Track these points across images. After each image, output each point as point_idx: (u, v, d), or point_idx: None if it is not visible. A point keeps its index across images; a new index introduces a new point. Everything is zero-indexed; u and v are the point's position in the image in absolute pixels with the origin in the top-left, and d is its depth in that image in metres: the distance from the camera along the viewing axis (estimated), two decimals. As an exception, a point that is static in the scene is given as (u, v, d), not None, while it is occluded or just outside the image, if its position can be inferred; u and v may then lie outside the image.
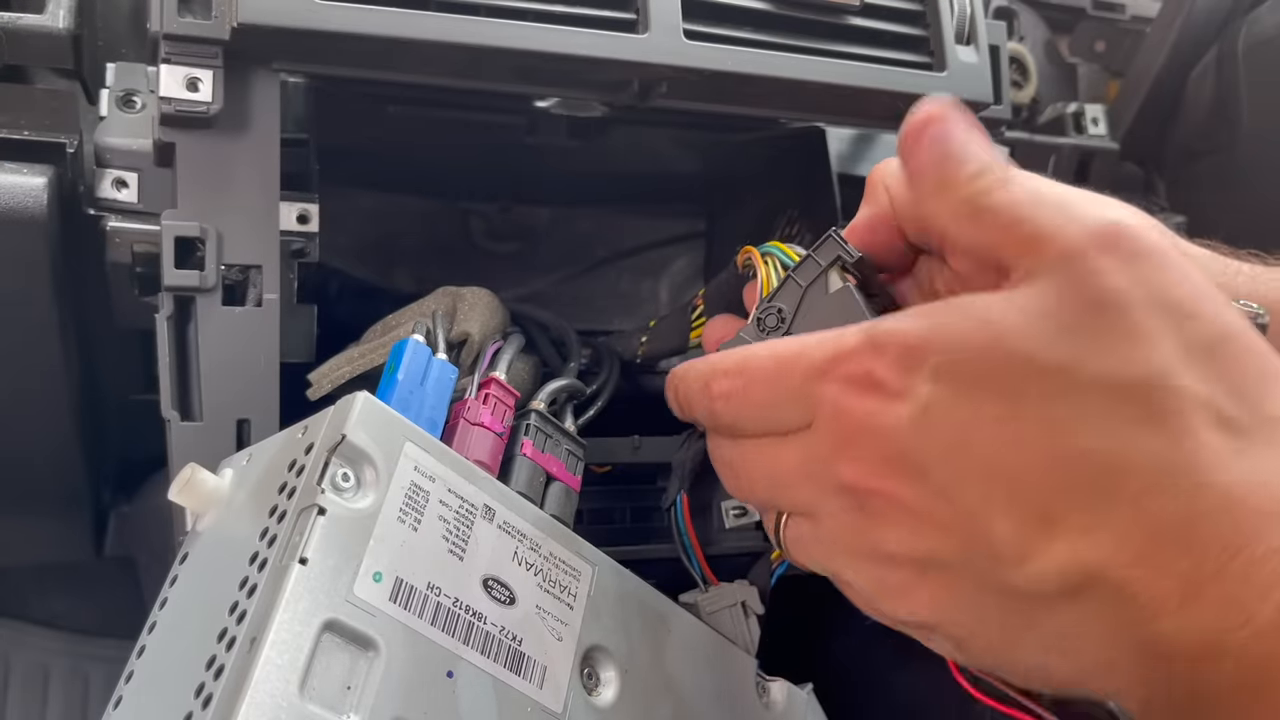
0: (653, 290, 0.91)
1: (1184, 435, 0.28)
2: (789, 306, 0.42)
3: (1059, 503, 0.29)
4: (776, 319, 0.42)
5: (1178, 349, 0.29)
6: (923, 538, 0.32)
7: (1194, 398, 0.28)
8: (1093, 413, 0.29)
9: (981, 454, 0.30)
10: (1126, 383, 0.29)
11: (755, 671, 0.52)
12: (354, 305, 0.76)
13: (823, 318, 0.41)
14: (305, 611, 0.34)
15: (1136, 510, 0.28)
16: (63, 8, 0.54)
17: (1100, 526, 0.28)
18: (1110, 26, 0.90)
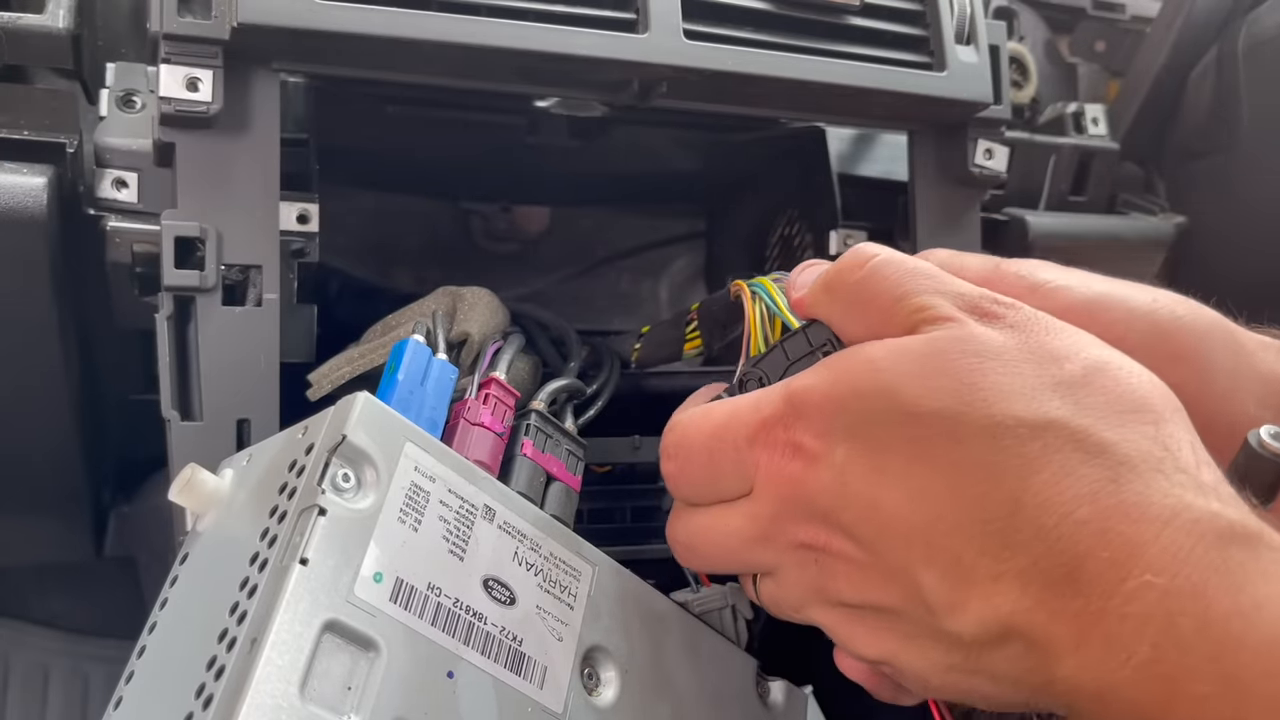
0: (653, 290, 0.91)
1: (1062, 474, 0.28)
2: (772, 375, 0.42)
3: (969, 552, 0.30)
4: (757, 384, 0.42)
5: (1048, 389, 0.30)
6: (867, 590, 0.34)
7: (1068, 434, 0.29)
8: (980, 457, 0.30)
9: (894, 510, 0.31)
10: (1006, 424, 0.30)
11: (755, 672, 0.52)
12: (354, 305, 0.76)
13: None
14: (306, 612, 0.34)
15: (1031, 555, 0.28)
16: (63, 8, 0.54)
17: (1005, 574, 0.29)
18: (1110, 26, 0.90)
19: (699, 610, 0.52)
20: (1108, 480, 0.28)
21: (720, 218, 0.89)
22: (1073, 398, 0.30)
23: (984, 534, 0.29)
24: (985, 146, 0.64)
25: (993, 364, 0.31)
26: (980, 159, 0.64)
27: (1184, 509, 0.27)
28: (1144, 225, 0.80)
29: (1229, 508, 0.27)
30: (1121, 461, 0.28)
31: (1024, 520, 0.29)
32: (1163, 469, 0.28)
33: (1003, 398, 0.30)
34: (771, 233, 0.80)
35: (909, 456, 0.31)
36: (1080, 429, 0.29)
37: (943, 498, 0.30)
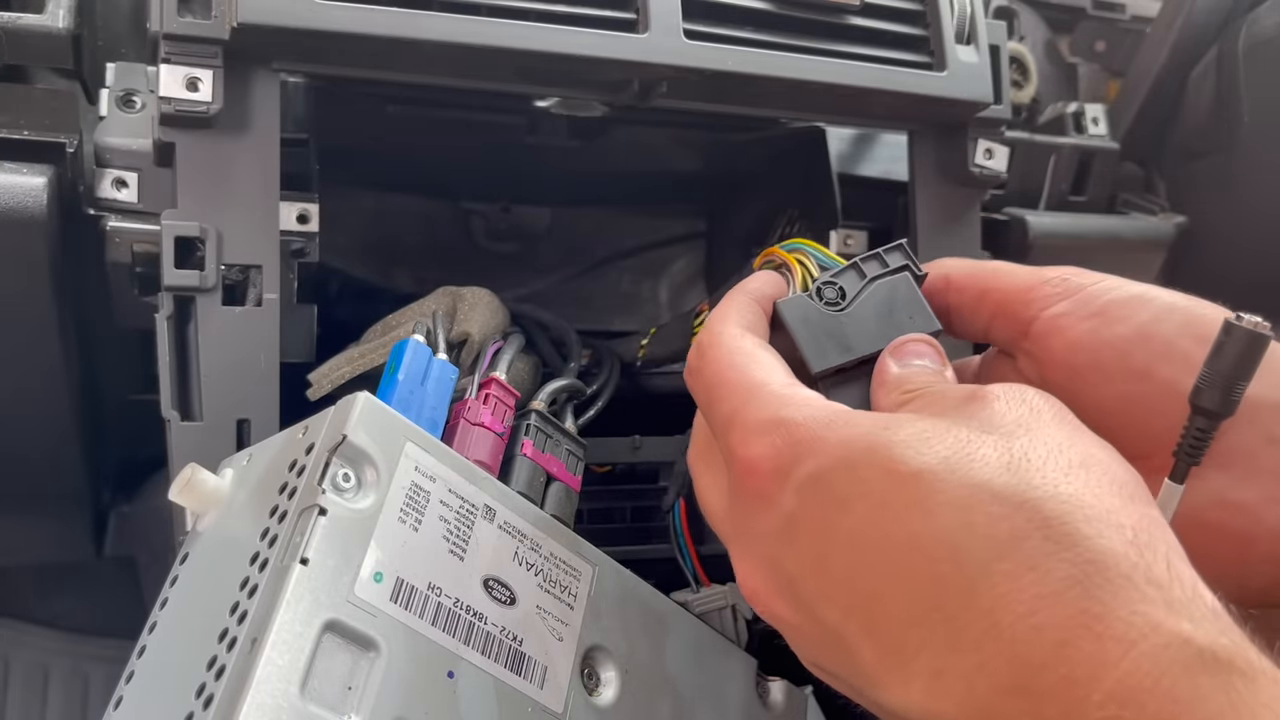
0: (653, 290, 0.91)
1: (1026, 565, 0.26)
2: (850, 289, 0.42)
3: (912, 639, 0.27)
4: (837, 293, 0.42)
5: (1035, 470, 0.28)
6: (807, 649, 0.32)
7: (1041, 519, 0.27)
8: (946, 534, 0.27)
9: (840, 573, 0.29)
10: (981, 498, 0.27)
11: (755, 672, 0.52)
12: (354, 305, 0.76)
13: (886, 305, 0.41)
14: (306, 612, 0.34)
15: (980, 655, 0.26)
16: (63, 8, 0.54)
17: (949, 671, 0.26)
18: (1110, 26, 0.90)
19: (699, 610, 0.52)
20: (1074, 581, 0.25)
21: (720, 218, 0.89)
22: (1054, 481, 0.27)
23: (931, 622, 0.27)
24: (985, 146, 0.64)
25: (988, 439, 0.29)
26: (980, 159, 0.64)
27: (1151, 630, 0.25)
28: (1144, 225, 0.80)
29: (1200, 628, 0.25)
30: (1092, 560, 0.26)
31: (977, 614, 0.26)
32: (1133, 578, 0.25)
33: (988, 468, 0.28)
34: (771, 233, 0.80)
35: (869, 518, 0.29)
36: (1056, 516, 0.26)
37: (896, 569, 0.28)
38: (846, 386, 0.41)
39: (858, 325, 0.41)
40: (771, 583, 0.32)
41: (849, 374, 0.41)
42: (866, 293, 0.42)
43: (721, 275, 0.89)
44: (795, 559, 0.31)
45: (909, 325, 0.41)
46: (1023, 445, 0.29)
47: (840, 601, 0.29)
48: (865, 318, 0.41)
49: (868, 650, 0.29)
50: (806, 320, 0.41)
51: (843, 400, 0.40)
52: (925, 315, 0.42)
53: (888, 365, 0.37)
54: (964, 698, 0.26)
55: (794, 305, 0.41)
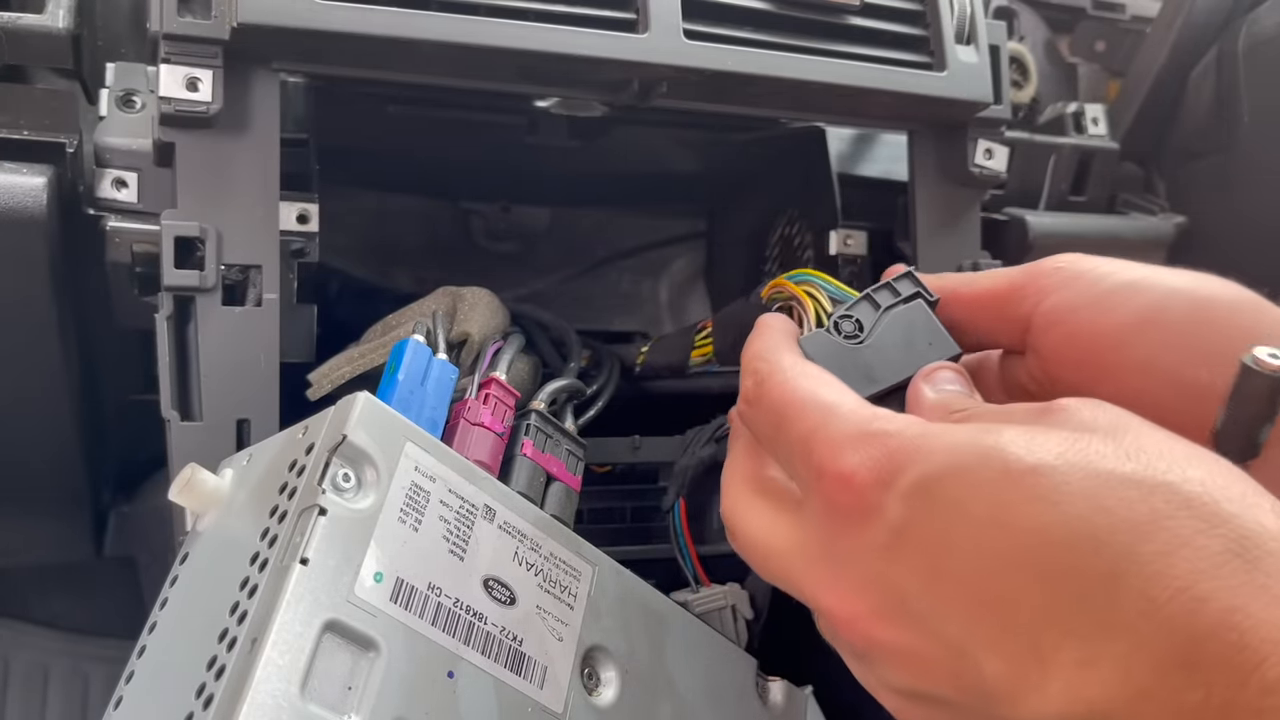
0: (653, 290, 0.91)
1: (1177, 543, 0.25)
2: (867, 320, 0.42)
3: (1051, 633, 0.26)
4: (855, 326, 0.42)
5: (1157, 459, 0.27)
6: (916, 677, 0.29)
7: (1182, 499, 0.25)
8: (1078, 522, 0.26)
9: (961, 579, 0.27)
10: (1111, 485, 0.26)
11: (755, 672, 0.52)
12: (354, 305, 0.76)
13: (904, 336, 0.41)
14: (306, 612, 0.34)
15: (1136, 636, 0.24)
16: (62, 8, 0.54)
17: (1099, 659, 0.25)
18: (1110, 26, 0.90)
19: (699, 610, 0.52)
20: (1232, 555, 0.24)
21: (720, 218, 0.89)
22: (1181, 466, 0.26)
23: (1072, 614, 0.25)
24: (985, 146, 0.64)
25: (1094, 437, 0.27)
26: (980, 159, 0.64)
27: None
28: (1144, 225, 0.80)
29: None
30: (1246, 535, 0.25)
31: (1128, 596, 0.25)
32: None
33: (1107, 459, 0.26)
34: (772, 232, 0.80)
35: (990, 517, 0.27)
36: (1196, 496, 0.25)
37: (1026, 567, 0.26)
38: None
39: (880, 356, 0.41)
40: (877, 604, 0.30)
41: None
42: (884, 323, 0.42)
43: (721, 275, 0.89)
44: (907, 573, 0.29)
45: (930, 352, 0.41)
46: (1132, 439, 0.27)
47: (962, 612, 0.27)
48: (886, 348, 0.41)
49: (995, 661, 0.27)
50: (830, 355, 0.41)
51: None
52: (944, 340, 0.41)
53: (923, 391, 0.36)
54: (1120, 682, 0.25)
55: (816, 341, 0.41)
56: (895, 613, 0.29)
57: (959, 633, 0.27)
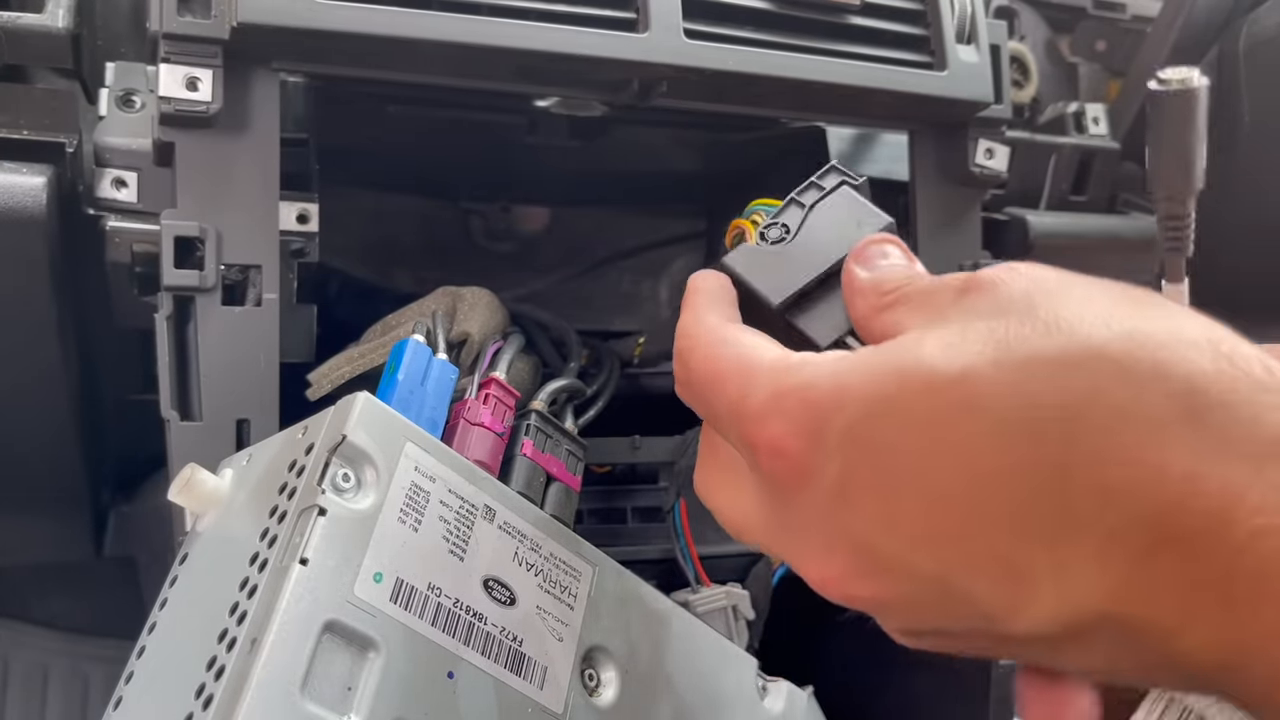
0: (653, 290, 0.91)
1: (1115, 416, 0.23)
2: (794, 222, 0.41)
3: (1021, 547, 0.24)
4: (780, 231, 0.40)
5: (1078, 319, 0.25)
6: (913, 619, 0.29)
7: (1113, 362, 0.24)
8: (1008, 419, 0.24)
9: (916, 515, 0.26)
10: (1032, 367, 0.24)
11: (755, 672, 0.52)
12: (354, 305, 0.76)
13: (831, 223, 0.40)
14: (306, 612, 0.34)
15: (1102, 527, 0.23)
16: (62, 7, 0.54)
17: (1072, 559, 0.24)
18: (1111, 26, 0.90)
19: (699, 610, 0.52)
20: (1175, 415, 0.23)
21: (720, 218, 0.89)
22: (1102, 325, 0.24)
23: (1032, 520, 0.24)
24: (986, 146, 0.64)
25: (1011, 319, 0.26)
26: (981, 159, 0.64)
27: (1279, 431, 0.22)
28: (1145, 225, 0.80)
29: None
30: (1186, 389, 0.23)
31: (1081, 486, 0.23)
32: (1237, 389, 0.23)
33: (1028, 343, 0.25)
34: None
35: (928, 440, 0.25)
36: (1126, 355, 0.23)
37: (969, 487, 0.25)
38: (816, 309, 0.38)
39: (810, 249, 0.39)
40: (846, 562, 0.28)
41: (815, 296, 0.39)
42: (810, 219, 0.40)
43: (721, 275, 0.89)
44: (863, 524, 0.27)
45: (859, 231, 0.39)
46: (1050, 310, 0.26)
47: (929, 548, 0.26)
48: (815, 240, 0.39)
49: (980, 586, 0.25)
50: (756, 264, 0.40)
51: (817, 323, 0.38)
52: (874, 215, 0.40)
53: (855, 273, 0.34)
54: (1101, 580, 0.23)
55: (739, 256, 0.40)
56: (868, 567, 0.28)
57: (934, 568, 0.26)
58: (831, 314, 0.39)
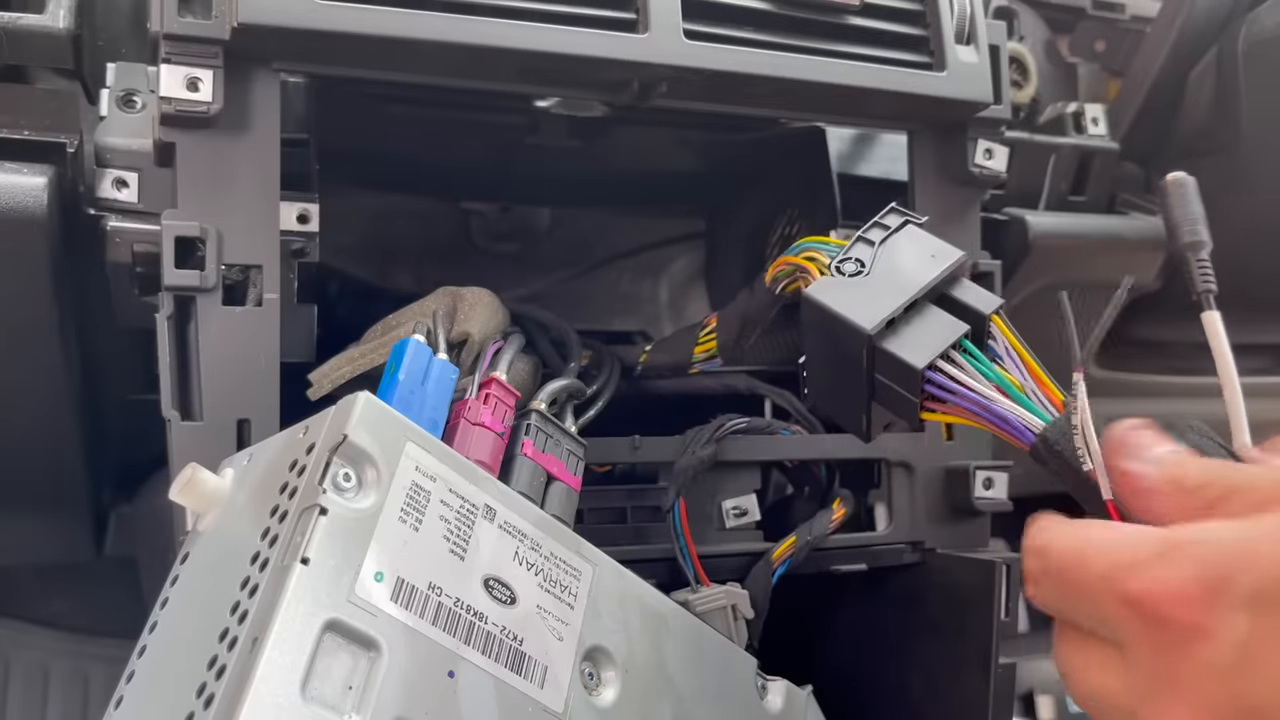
0: (652, 290, 0.91)
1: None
2: (866, 257, 0.42)
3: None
4: (856, 265, 0.42)
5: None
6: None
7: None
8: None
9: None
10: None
11: (755, 672, 0.52)
12: (354, 305, 0.76)
13: (904, 255, 0.42)
14: (307, 611, 0.34)
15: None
16: (63, 8, 0.54)
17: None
18: (1110, 26, 0.90)
19: (699, 610, 0.52)
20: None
21: (720, 218, 0.90)
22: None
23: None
24: (985, 146, 0.64)
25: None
26: (980, 159, 0.64)
27: None
28: (1144, 225, 0.80)
29: None
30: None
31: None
32: None
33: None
34: (771, 232, 0.80)
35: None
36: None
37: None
38: (905, 335, 0.41)
39: (891, 279, 0.42)
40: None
41: (902, 321, 0.41)
42: (881, 254, 0.42)
43: (721, 275, 0.89)
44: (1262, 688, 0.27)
45: (937, 262, 0.42)
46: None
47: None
48: (894, 270, 0.42)
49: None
50: (840, 295, 0.42)
51: (909, 348, 0.40)
52: (945, 249, 0.42)
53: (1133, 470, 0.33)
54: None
55: (821, 287, 0.42)
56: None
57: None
58: (920, 339, 0.41)
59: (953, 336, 0.41)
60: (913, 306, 0.41)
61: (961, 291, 0.43)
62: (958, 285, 0.43)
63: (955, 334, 0.41)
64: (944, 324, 0.42)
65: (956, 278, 0.43)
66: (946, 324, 0.42)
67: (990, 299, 0.43)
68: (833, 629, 0.73)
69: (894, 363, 0.41)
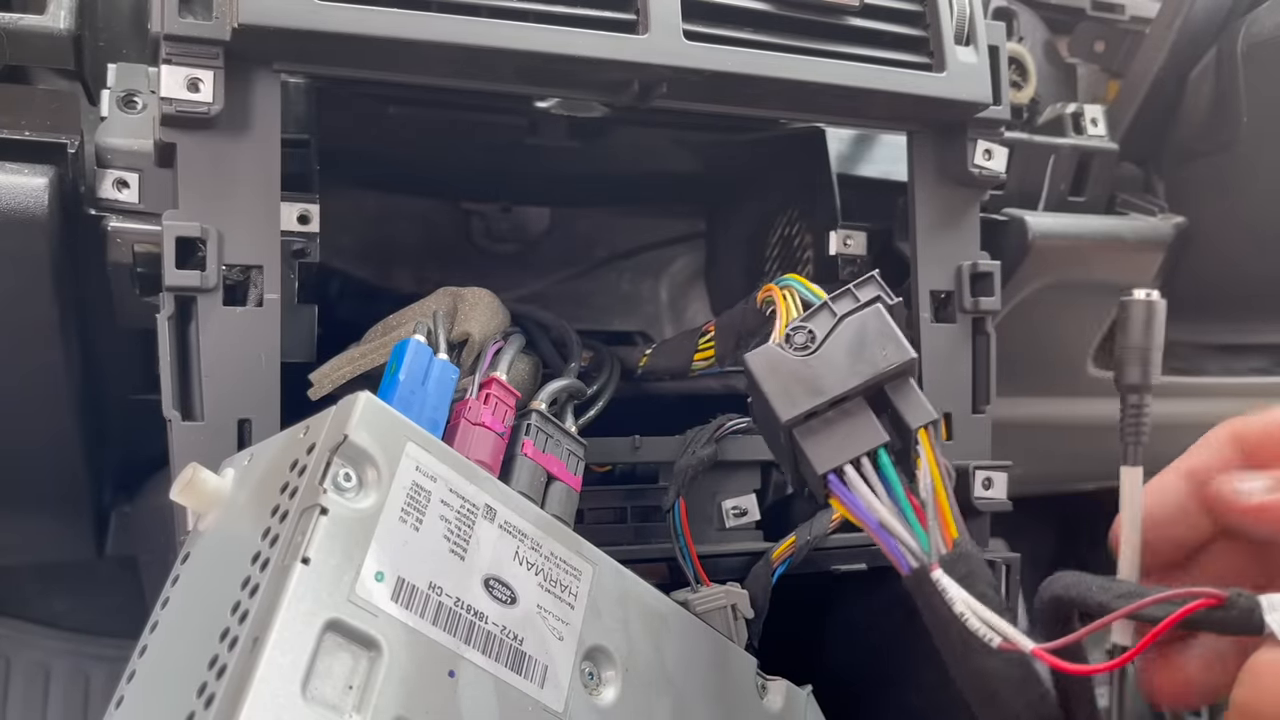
0: (653, 290, 0.91)
1: None
2: (820, 330, 0.41)
3: None
4: (806, 337, 0.41)
5: None
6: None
7: None
8: None
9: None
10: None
11: (755, 671, 0.52)
12: (355, 305, 0.76)
13: (857, 340, 0.41)
14: (307, 611, 0.34)
15: None
16: (64, 9, 0.54)
17: None
18: (1109, 27, 0.90)
19: (699, 610, 0.52)
20: None
21: (720, 218, 0.90)
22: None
23: None
24: (984, 147, 0.64)
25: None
26: (979, 159, 0.64)
27: None
28: (1143, 226, 0.81)
29: None
30: None
31: None
32: None
33: None
34: (771, 233, 0.80)
35: None
36: None
37: None
38: (822, 433, 0.41)
39: (828, 366, 0.41)
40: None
41: (825, 417, 0.41)
42: (837, 331, 0.41)
43: (721, 275, 0.89)
44: None
45: (880, 359, 0.40)
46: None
47: None
48: (835, 357, 0.41)
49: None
50: (775, 370, 0.41)
51: (821, 448, 0.40)
52: (897, 345, 0.41)
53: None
54: None
55: (760, 356, 0.42)
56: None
57: None
58: (834, 441, 0.40)
59: (867, 446, 0.41)
60: (842, 401, 0.41)
61: (900, 396, 0.42)
62: (900, 386, 0.42)
63: (871, 444, 0.41)
64: (865, 429, 0.41)
65: (903, 376, 0.42)
66: (868, 430, 0.41)
67: (923, 413, 0.42)
68: (833, 629, 0.73)
69: (804, 455, 0.41)
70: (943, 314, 0.65)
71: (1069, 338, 0.87)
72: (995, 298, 0.65)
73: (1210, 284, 0.83)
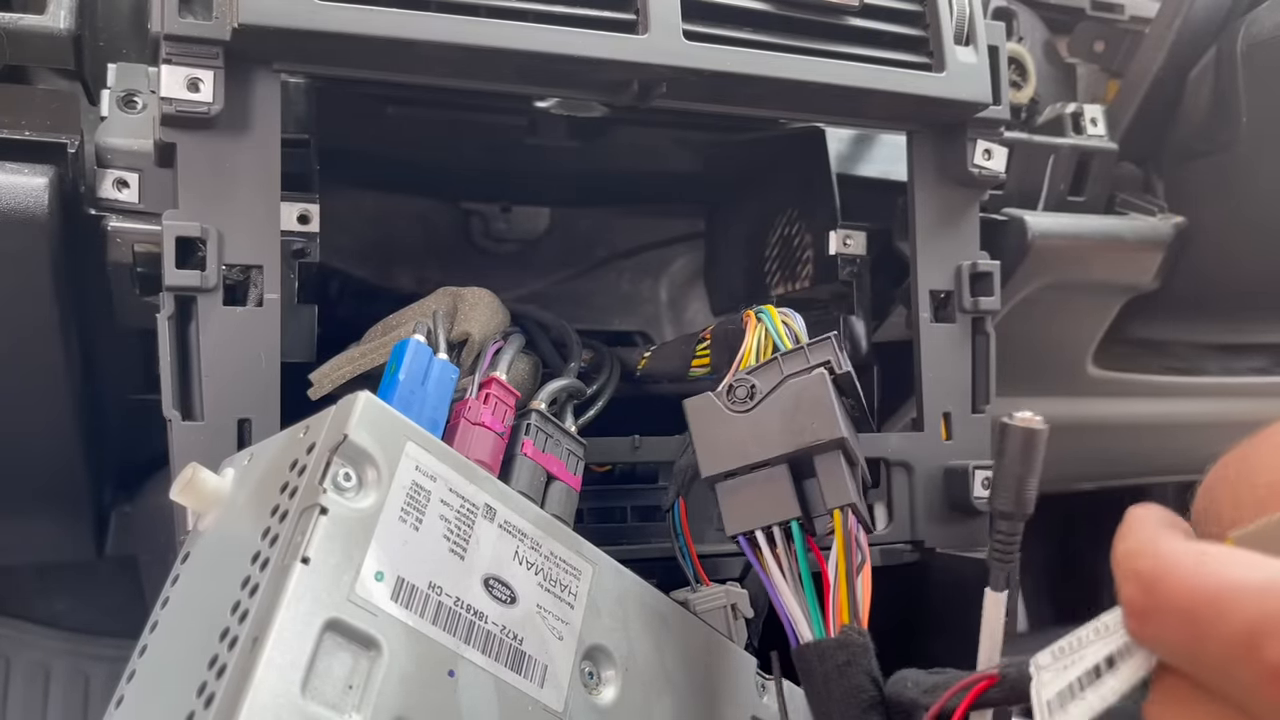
0: (652, 290, 0.91)
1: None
2: (763, 386, 0.42)
3: None
4: (747, 392, 0.42)
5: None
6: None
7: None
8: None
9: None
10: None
11: (755, 671, 0.52)
12: (355, 305, 0.76)
13: (792, 405, 0.41)
14: (307, 611, 0.34)
15: None
16: (64, 8, 0.54)
17: None
18: (1109, 27, 0.90)
19: (699, 610, 0.52)
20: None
21: (720, 218, 0.90)
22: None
23: None
24: (984, 147, 0.64)
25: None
26: (979, 159, 0.64)
27: None
28: (1142, 225, 0.81)
29: None
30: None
31: None
32: None
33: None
34: (771, 232, 0.80)
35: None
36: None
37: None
38: (741, 492, 0.41)
39: (758, 428, 0.41)
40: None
41: (747, 478, 0.41)
42: (777, 393, 0.42)
43: (721, 275, 0.89)
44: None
45: (807, 432, 0.41)
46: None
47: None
48: (768, 419, 0.41)
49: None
50: (709, 422, 0.42)
51: (734, 508, 0.40)
52: (828, 420, 0.41)
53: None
54: None
55: (698, 405, 0.42)
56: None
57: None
58: (751, 503, 0.41)
59: (778, 518, 0.41)
60: (765, 465, 0.41)
61: (825, 471, 0.42)
62: (827, 461, 0.42)
63: (783, 516, 0.41)
64: (781, 499, 0.41)
65: (833, 450, 0.42)
66: (783, 500, 0.41)
67: (841, 494, 0.42)
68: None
69: (719, 510, 0.42)
70: (942, 314, 0.65)
71: (1069, 338, 0.87)
72: (995, 297, 0.65)
73: (1210, 284, 0.83)
